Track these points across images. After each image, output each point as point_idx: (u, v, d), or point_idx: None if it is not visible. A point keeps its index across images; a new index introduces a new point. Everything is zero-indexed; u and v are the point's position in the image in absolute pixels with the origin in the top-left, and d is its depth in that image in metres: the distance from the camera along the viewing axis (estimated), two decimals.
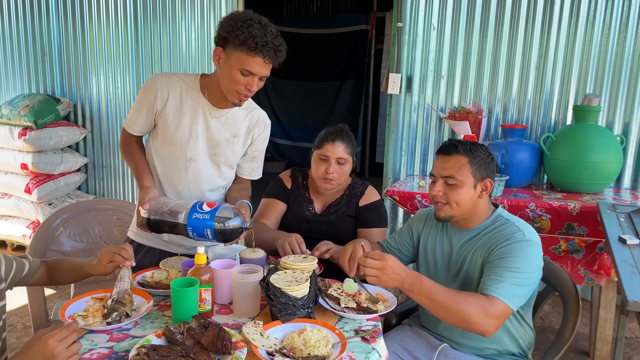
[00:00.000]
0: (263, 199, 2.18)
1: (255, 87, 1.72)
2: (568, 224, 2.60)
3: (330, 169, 2.00)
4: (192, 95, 1.84)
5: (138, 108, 1.86)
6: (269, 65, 1.70)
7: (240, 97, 1.75)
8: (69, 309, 1.47)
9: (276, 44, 1.67)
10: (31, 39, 4.23)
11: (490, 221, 1.68)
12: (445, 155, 1.67)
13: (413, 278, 1.48)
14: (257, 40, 1.63)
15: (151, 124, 1.88)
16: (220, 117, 1.87)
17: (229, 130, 1.89)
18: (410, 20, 3.37)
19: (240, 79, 1.69)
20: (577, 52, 3.10)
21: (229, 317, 1.54)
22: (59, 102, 4.00)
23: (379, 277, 1.45)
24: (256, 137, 1.96)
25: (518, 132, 2.99)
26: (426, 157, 3.49)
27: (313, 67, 7.24)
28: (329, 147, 2.01)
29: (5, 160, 3.90)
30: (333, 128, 2.07)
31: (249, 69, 1.67)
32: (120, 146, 1.99)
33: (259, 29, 1.63)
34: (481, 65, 3.30)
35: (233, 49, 1.67)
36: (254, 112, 1.95)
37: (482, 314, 1.45)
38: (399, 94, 3.46)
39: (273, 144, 7.64)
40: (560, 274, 1.83)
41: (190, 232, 1.63)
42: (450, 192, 1.64)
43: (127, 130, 1.92)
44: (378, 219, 2.12)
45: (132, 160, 1.93)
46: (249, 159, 2.00)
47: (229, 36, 1.66)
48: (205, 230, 1.62)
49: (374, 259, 1.46)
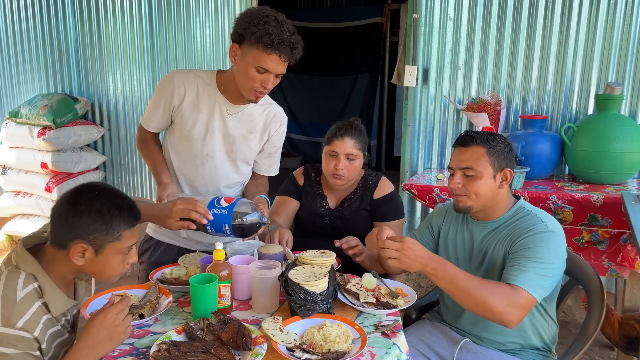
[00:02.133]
0: (276, 197, 2.18)
1: (270, 84, 1.71)
2: (591, 215, 2.55)
3: (339, 164, 1.98)
4: (209, 91, 1.83)
5: (155, 105, 1.86)
6: (285, 62, 1.69)
7: (257, 94, 1.74)
8: (91, 306, 1.48)
9: (292, 42, 1.65)
10: (49, 40, 4.28)
11: (511, 213, 1.65)
12: (462, 147, 1.65)
13: (436, 262, 1.46)
14: (273, 37, 1.61)
15: (168, 120, 1.88)
16: (237, 113, 1.86)
17: (246, 127, 1.88)
18: (426, 11, 3.32)
19: (256, 76, 1.68)
20: (598, 40, 3.03)
21: (248, 313, 1.54)
22: (76, 101, 4.04)
23: (400, 259, 1.43)
24: (273, 133, 1.95)
25: (538, 122, 2.93)
26: (444, 150, 3.45)
27: (327, 61, 7.21)
28: (338, 142, 1.99)
29: (26, 160, 3.96)
30: (342, 123, 2.04)
31: (264, 66, 1.66)
32: (137, 143, 1.99)
33: (275, 26, 1.62)
34: (499, 55, 3.24)
35: (249, 46, 1.65)
36: (270, 108, 1.94)
37: (507, 303, 1.43)
38: (415, 87, 3.42)
39: (288, 139, 7.62)
40: (584, 267, 1.80)
41: (209, 228, 1.63)
42: (469, 184, 1.61)
43: (144, 127, 1.92)
44: (394, 211, 2.09)
45: (150, 157, 1.93)
46: (266, 155, 1.99)
47: (245, 33, 1.65)
48: (224, 225, 1.61)
49: (394, 240, 1.45)
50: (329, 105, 7.23)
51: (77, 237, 1.23)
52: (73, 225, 1.23)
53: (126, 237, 1.28)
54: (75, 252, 1.24)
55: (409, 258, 1.43)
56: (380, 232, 1.54)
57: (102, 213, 1.23)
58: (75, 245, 1.23)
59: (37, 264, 1.26)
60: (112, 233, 1.25)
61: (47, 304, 1.25)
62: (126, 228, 1.27)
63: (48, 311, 1.25)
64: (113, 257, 1.28)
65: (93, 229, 1.23)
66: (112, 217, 1.24)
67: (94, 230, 1.23)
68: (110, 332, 1.23)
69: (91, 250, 1.25)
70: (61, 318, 1.31)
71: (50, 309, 1.25)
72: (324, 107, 7.26)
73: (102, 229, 1.24)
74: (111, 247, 1.26)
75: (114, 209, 1.25)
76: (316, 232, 2.09)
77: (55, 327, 1.27)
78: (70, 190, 1.27)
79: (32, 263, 1.26)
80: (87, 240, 1.23)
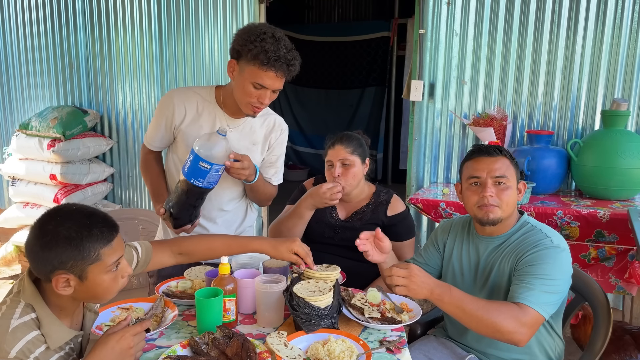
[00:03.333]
0: (286, 205, 2.20)
1: (267, 100, 1.74)
2: (598, 232, 2.53)
3: (335, 172, 2.02)
4: (209, 107, 1.86)
5: (156, 124, 1.90)
6: (282, 79, 1.71)
7: (254, 109, 1.76)
8: (97, 319, 1.49)
9: (289, 58, 1.67)
10: (59, 53, 4.34)
11: (516, 228, 1.65)
12: (489, 156, 1.63)
13: (442, 287, 1.46)
14: (269, 55, 1.63)
15: (170, 138, 1.92)
16: (238, 127, 1.88)
17: (248, 139, 1.90)
18: (432, 27, 3.35)
19: (252, 92, 1.71)
20: (604, 56, 3.04)
21: (253, 327, 1.54)
22: (86, 113, 4.09)
23: (407, 287, 1.43)
24: (273, 142, 1.98)
25: (544, 138, 2.94)
26: (450, 164, 3.45)
27: (335, 74, 7.26)
28: (331, 152, 2.05)
29: (35, 171, 4.00)
30: (334, 134, 2.10)
31: (261, 82, 1.68)
32: (141, 164, 2.03)
33: (272, 44, 1.64)
34: (505, 70, 3.25)
35: (246, 62, 1.68)
36: (269, 118, 1.97)
37: (515, 323, 1.42)
38: (421, 101, 3.43)
39: (295, 152, 7.67)
40: (590, 284, 1.79)
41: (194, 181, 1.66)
42: (502, 194, 1.60)
43: (147, 146, 1.97)
44: (407, 230, 2.13)
45: (150, 180, 1.97)
46: (267, 164, 2.01)
47: (242, 50, 1.68)
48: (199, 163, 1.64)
49: (400, 268, 1.45)
50: (336, 118, 7.27)
51: (55, 269, 1.14)
52: (46, 258, 1.14)
53: (106, 255, 1.18)
54: (59, 283, 1.16)
55: (416, 285, 1.42)
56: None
57: (70, 239, 1.14)
58: (56, 277, 1.15)
59: (37, 295, 1.20)
60: (88, 256, 1.16)
61: (45, 336, 1.18)
62: (102, 246, 1.17)
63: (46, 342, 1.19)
64: (101, 278, 1.19)
65: (67, 257, 1.14)
66: (83, 240, 1.15)
67: (68, 258, 1.14)
68: (124, 352, 1.20)
69: (74, 277, 1.16)
70: (65, 346, 1.25)
71: (47, 341, 1.18)
72: (331, 120, 7.29)
73: (76, 255, 1.14)
74: (94, 270, 1.17)
75: (83, 230, 1.15)
76: (325, 242, 2.10)
77: (58, 354, 1.21)
78: (35, 221, 1.18)
79: (32, 293, 1.20)
80: (66, 269, 1.15)
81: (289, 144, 7.71)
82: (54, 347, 1.19)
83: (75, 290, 1.19)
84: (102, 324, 1.48)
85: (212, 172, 1.67)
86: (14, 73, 4.55)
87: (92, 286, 1.19)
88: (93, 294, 1.22)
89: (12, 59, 4.53)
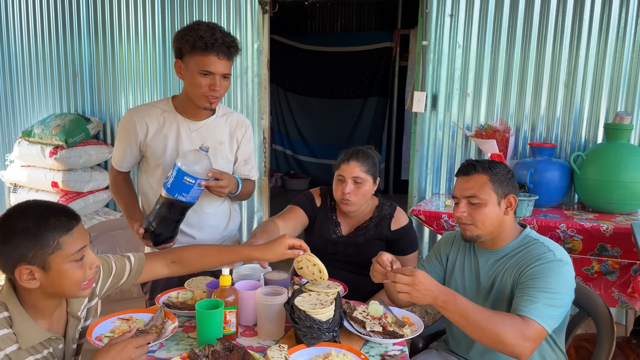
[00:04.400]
0: (289, 205, 2.16)
1: (218, 86, 1.76)
2: (601, 245, 2.52)
3: (346, 188, 1.99)
4: (169, 116, 1.90)
5: (121, 145, 1.93)
6: (224, 61, 1.75)
7: (209, 99, 1.79)
8: (96, 330, 1.48)
9: (227, 40, 1.73)
10: (63, 61, 4.35)
11: (518, 241, 1.65)
12: (465, 175, 1.66)
13: (446, 295, 1.45)
14: (205, 39, 1.69)
15: (137, 156, 1.95)
16: (200, 128, 1.91)
17: (213, 139, 1.92)
18: (435, 39, 3.36)
19: (202, 81, 1.74)
20: (607, 69, 3.04)
21: (253, 340, 1.53)
22: (89, 121, 4.09)
23: (410, 293, 1.42)
24: (241, 139, 1.99)
25: (547, 150, 2.93)
26: (452, 176, 3.44)
27: (337, 84, 7.28)
28: (344, 167, 2.02)
29: (37, 179, 3.99)
30: (350, 149, 2.07)
31: (206, 68, 1.73)
32: (111, 186, 2.07)
33: (206, 30, 1.71)
34: (508, 82, 3.26)
35: (188, 55, 1.74)
36: (232, 116, 1.99)
37: (518, 335, 1.41)
38: (424, 112, 3.43)
39: (297, 161, 7.67)
40: (593, 298, 1.77)
41: (178, 195, 1.70)
42: (475, 212, 1.61)
43: (116, 167, 1.99)
44: (411, 244, 2.11)
45: (123, 200, 2.00)
46: (242, 162, 2.03)
47: (182, 45, 1.74)
48: (184, 178, 1.68)
49: (404, 274, 1.44)
50: (338, 128, 7.27)
51: (17, 262, 1.16)
52: (6, 253, 1.16)
53: (67, 244, 1.19)
54: (22, 276, 1.17)
55: (420, 292, 1.42)
56: (380, 255, 1.55)
57: (27, 229, 1.15)
58: (19, 269, 1.16)
59: (11, 293, 1.22)
60: (47, 245, 1.16)
61: (17, 335, 1.19)
62: (62, 235, 1.18)
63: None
64: (65, 267, 1.19)
65: (26, 247, 1.15)
66: (40, 229, 1.16)
67: (27, 249, 1.15)
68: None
69: (37, 269, 1.17)
70: (42, 350, 1.24)
71: (18, 340, 1.18)
72: (333, 129, 7.30)
73: (34, 245, 1.15)
74: (56, 259, 1.18)
75: (40, 220, 1.17)
76: (328, 258, 2.08)
77: (33, 357, 1.22)
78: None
79: (7, 292, 1.22)
80: (27, 261, 1.16)
81: (291, 153, 7.72)
82: (25, 347, 1.19)
83: (42, 283, 1.19)
84: (102, 334, 1.47)
85: (195, 187, 1.71)
86: (17, 80, 4.56)
87: (57, 277, 1.20)
88: (60, 286, 1.22)
89: (15, 66, 4.54)
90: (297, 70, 7.40)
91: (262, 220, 3.90)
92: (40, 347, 1.24)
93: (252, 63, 3.74)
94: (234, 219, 2.09)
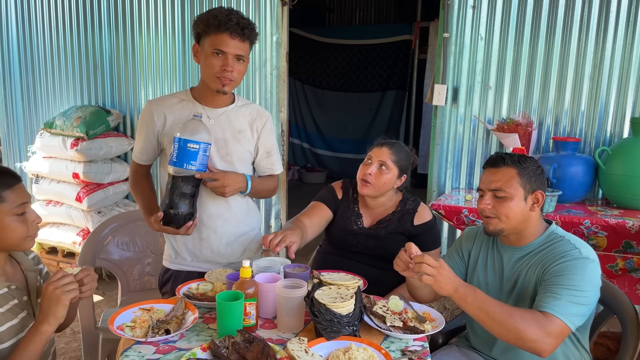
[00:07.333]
0: (312, 202, 2.16)
1: (230, 66, 1.74)
2: (626, 242, 2.46)
3: (369, 168, 1.99)
4: (187, 105, 1.89)
5: (141, 137, 1.93)
6: (238, 41, 1.73)
7: (222, 80, 1.76)
8: (117, 320, 1.49)
9: (241, 21, 1.72)
10: (84, 53, 4.39)
11: (543, 238, 1.61)
12: (492, 167, 1.62)
13: (467, 287, 1.44)
14: (219, 18, 1.70)
15: (157, 149, 1.94)
16: (219, 116, 1.89)
17: (232, 127, 1.90)
18: (456, 31, 3.31)
19: (214, 62, 1.73)
20: (634, 61, 2.96)
21: (273, 332, 1.52)
22: (109, 113, 4.13)
23: (435, 277, 1.40)
24: (261, 130, 1.96)
25: (571, 145, 2.87)
26: (472, 170, 3.40)
27: (355, 77, 7.24)
28: (376, 149, 2.04)
29: (58, 170, 4.05)
30: (387, 137, 2.09)
31: (218, 47, 1.72)
32: (130, 181, 2.06)
33: (221, 11, 1.72)
34: (531, 75, 3.19)
35: (203, 37, 1.75)
36: (251, 107, 1.97)
37: (540, 331, 1.38)
38: (444, 106, 3.39)
39: (314, 154, 7.66)
40: (618, 296, 1.74)
41: (186, 166, 1.70)
42: (500, 206, 1.58)
43: (136, 161, 1.99)
44: (434, 240, 2.10)
45: (141, 195, 2.01)
46: (264, 155, 1.99)
47: (198, 28, 1.76)
48: (187, 145, 1.68)
49: (431, 259, 1.43)
50: (356, 121, 7.24)
51: None
52: None
53: (9, 198, 1.36)
54: None
55: (443, 278, 1.41)
56: (410, 246, 1.51)
57: None
58: None
59: None
60: None
61: None
62: (4, 189, 1.35)
63: None
64: (6, 219, 1.36)
65: None
66: None
67: None
68: (51, 296, 1.30)
69: None
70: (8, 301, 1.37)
71: None
72: (351, 123, 7.27)
73: None
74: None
75: None
76: (347, 249, 2.07)
77: None
78: None
79: None
80: None
81: (308, 146, 7.71)
82: None
83: None
84: (124, 324, 1.48)
85: (201, 153, 1.71)
86: (39, 73, 4.62)
87: (1, 230, 1.36)
88: (4, 238, 1.37)
89: (37, 59, 4.60)
90: (314, 63, 7.39)
91: (279, 214, 3.91)
92: (4, 300, 1.36)
93: (270, 55, 3.73)
94: (253, 213, 2.04)
